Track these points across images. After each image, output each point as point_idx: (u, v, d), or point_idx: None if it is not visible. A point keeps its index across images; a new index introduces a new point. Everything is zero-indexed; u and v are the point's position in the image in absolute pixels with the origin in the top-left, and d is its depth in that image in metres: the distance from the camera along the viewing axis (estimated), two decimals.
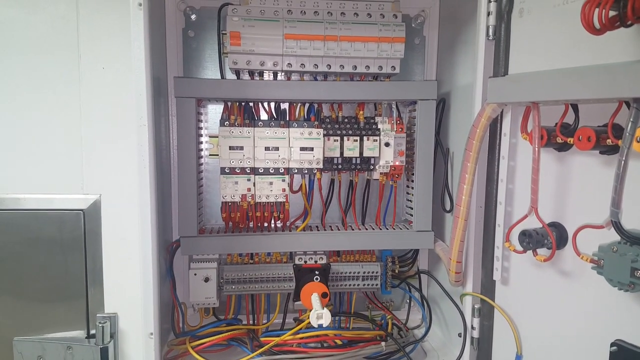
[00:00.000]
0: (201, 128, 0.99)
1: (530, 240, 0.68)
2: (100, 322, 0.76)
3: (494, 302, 0.82)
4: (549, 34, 0.67)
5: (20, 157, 0.75)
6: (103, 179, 0.76)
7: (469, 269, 0.86)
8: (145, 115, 0.73)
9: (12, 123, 0.74)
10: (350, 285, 1.02)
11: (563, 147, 0.66)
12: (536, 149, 0.65)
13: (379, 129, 0.96)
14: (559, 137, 0.63)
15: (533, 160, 0.65)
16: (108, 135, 0.75)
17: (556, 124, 0.64)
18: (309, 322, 0.80)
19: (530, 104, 0.67)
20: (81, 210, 0.75)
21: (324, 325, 0.80)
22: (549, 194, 0.69)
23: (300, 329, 0.93)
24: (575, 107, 0.62)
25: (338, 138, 0.95)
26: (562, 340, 0.69)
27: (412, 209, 1.00)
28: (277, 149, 0.92)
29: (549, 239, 0.66)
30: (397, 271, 1.06)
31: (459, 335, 0.89)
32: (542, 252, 0.68)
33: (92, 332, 0.77)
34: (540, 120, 0.65)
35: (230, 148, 0.91)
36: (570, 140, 0.61)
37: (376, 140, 0.95)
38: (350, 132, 0.95)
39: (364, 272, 1.01)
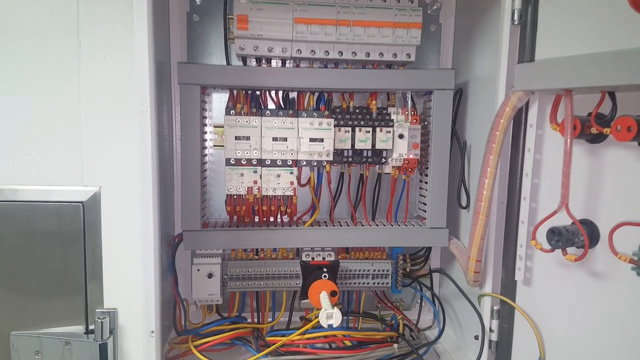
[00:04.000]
0: (205, 117, 0.95)
1: (560, 239, 0.63)
2: (99, 318, 0.74)
3: (515, 303, 0.78)
4: (580, 17, 0.63)
5: (18, 148, 0.72)
6: (103, 171, 0.73)
7: (488, 268, 0.81)
8: (147, 100, 0.70)
9: (10, 113, 0.71)
10: (359, 283, 0.98)
11: (596, 139, 0.62)
12: (568, 140, 0.60)
13: (392, 119, 0.92)
14: (593, 128, 0.59)
15: (565, 152, 0.61)
16: (108, 125, 0.72)
17: (589, 113, 0.60)
18: (317, 322, 0.77)
19: (562, 91, 0.62)
20: (80, 202, 0.73)
21: (334, 326, 0.77)
22: (579, 189, 0.65)
23: (308, 329, 0.89)
24: (612, 95, 0.58)
25: (349, 129, 0.91)
26: (590, 345, 0.65)
27: (425, 204, 0.96)
28: (285, 139, 0.88)
29: (580, 237, 0.62)
30: (408, 269, 1.01)
31: (476, 337, 0.84)
32: (572, 251, 0.64)
33: (91, 327, 0.75)
34: (573, 110, 0.60)
35: (236, 138, 0.87)
36: (606, 130, 0.57)
37: (389, 132, 0.91)
38: (362, 122, 0.91)
39: (374, 270, 0.97)
